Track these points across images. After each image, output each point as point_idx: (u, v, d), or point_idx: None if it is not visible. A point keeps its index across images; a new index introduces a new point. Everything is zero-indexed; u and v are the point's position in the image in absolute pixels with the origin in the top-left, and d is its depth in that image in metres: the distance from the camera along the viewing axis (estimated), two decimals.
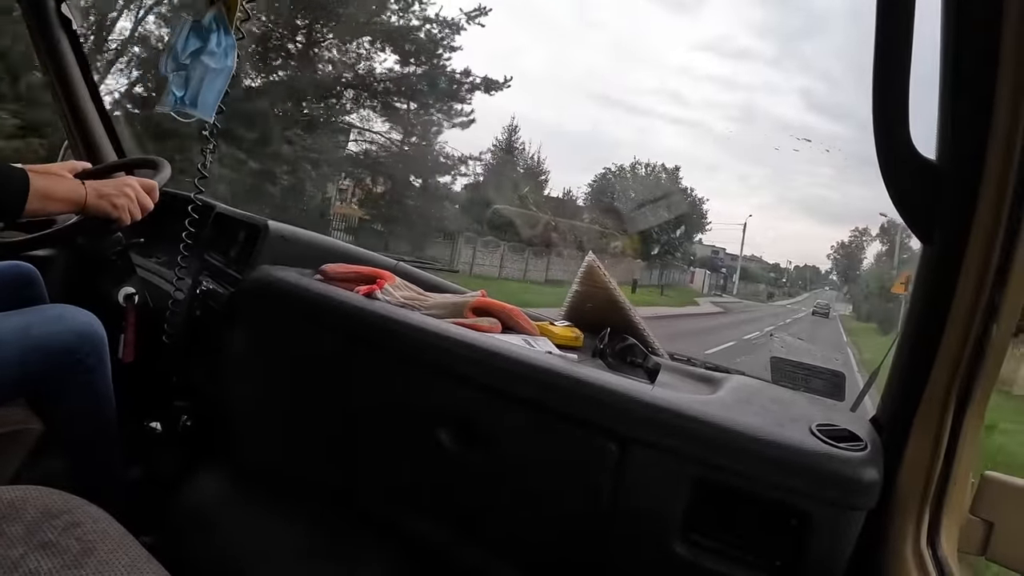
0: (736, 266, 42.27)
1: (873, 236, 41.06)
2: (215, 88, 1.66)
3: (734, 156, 68.46)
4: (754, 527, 1.01)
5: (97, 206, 1.46)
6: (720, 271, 41.29)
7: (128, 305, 1.82)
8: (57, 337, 1.52)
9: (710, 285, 38.30)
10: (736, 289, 41.37)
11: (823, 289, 47.91)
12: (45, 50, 2.20)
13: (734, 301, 35.97)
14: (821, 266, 54.07)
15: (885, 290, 22.21)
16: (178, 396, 1.82)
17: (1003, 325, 0.86)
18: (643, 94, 60.86)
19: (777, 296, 46.26)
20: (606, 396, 1.08)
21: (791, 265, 55.48)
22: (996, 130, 0.81)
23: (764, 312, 31.35)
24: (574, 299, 1.60)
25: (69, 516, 0.90)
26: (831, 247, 48.55)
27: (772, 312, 32.26)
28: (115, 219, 1.50)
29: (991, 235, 0.85)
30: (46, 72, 2.25)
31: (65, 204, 1.44)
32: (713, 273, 39.32)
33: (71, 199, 1.43)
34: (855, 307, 34.10)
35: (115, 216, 1.49)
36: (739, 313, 27.66)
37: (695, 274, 36.78)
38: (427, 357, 1.27)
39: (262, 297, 1.54)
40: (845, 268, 45.61)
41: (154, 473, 1.80)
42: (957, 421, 0.93)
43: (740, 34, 63.43)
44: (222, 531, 1.57)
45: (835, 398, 1.33)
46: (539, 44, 52.59)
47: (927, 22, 0.82)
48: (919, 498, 0.94)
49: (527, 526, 1.22)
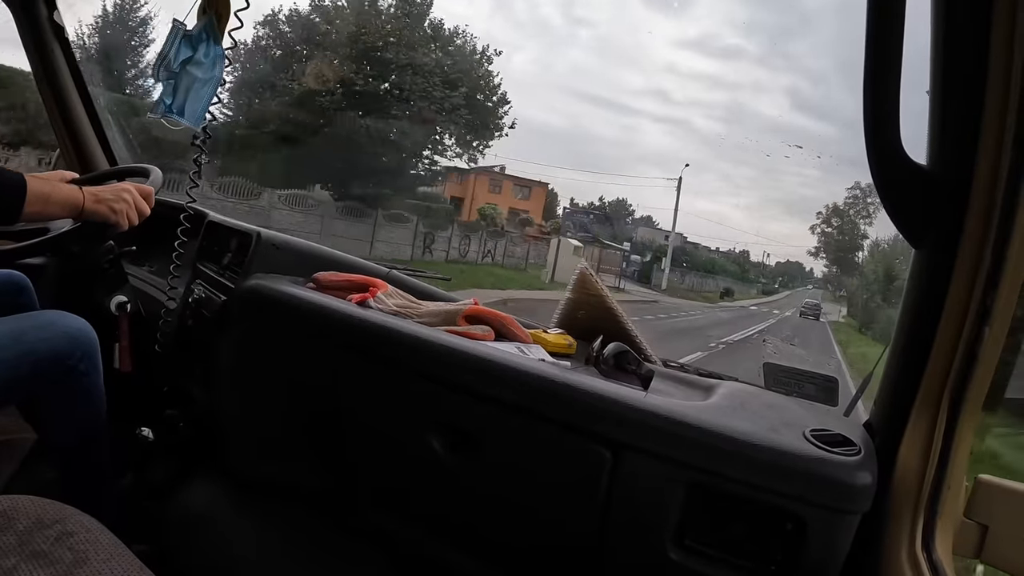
0: (668, 247, 32.59)
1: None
2: (202, 97, 1.66)
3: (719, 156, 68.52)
4: (749, 532, 1.01)
5: (95, 211, 1.46)
6: (588, 234, 31.51)
7: (121, 314, 1.81)
8: (49, 343, 1.51)
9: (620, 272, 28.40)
10: (665, 280, 31.34)
11: (807, 288, 40.90)
12: (37, 58, 2.20)
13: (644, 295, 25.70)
14: (805, 263, 45.96)
15: (898, 280, 13.24)
16: (170, 404, 1.81)
17: (995, 328, 0.87)
18: (629, 92, 61.02)
19: (741, 294, 37.55)
20: (600, 403, 1.08)
21: (767, 256, 48.84)
22: (986, 136, 0.82)
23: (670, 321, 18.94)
24: (567, 307, 1.60)
25: (62, 526, 0.89)
26: (818, 214, 32.43)
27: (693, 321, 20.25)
28: (113, 224, 1.49)
29: (982, 239, 0.85)
30: (38, 79, 2.24)
31: (63, 208, 1.43)
32: (581, 240, 28.08)
33: (69, 203, 1.42)
34: (852, 307, 25.87)
35: (114, 221, 1.49)
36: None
37: (563, 243, 25.13)
38: (420, 365, 1.26)
39: (255, 306, 1.53)
40: (838, 250, 30.71)
41: (146, 482, 1.79)
42: (950, 425, 0.93)
43: (726, 32, 63.51)
44: (214, 540, 1.57)
45: (828, 403, 1.33)
46: (525, 40, 52.78)
47: (918, 29, 0.83)
48: (913, 502, 0.95)
49: (520, 533, 1.22)
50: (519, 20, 50.22)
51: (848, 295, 29.10)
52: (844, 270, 31.79)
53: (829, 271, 34.75)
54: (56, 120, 2.29)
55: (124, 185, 1.54)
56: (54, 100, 2.26)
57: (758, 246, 66.43)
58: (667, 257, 32.55)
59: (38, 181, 1.37)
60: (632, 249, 33.80)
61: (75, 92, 2.28)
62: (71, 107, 2.28)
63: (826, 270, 35.33)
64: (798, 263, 47.21)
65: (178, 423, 1.78)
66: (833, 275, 34.12)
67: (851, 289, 28.92)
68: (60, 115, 2.28)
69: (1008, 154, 0.81)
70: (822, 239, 31.53)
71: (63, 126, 2.29)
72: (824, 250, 32.15)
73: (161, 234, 1.85)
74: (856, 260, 29.64)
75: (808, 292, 38.13)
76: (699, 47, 65.55)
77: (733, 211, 74.97)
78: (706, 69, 66.85)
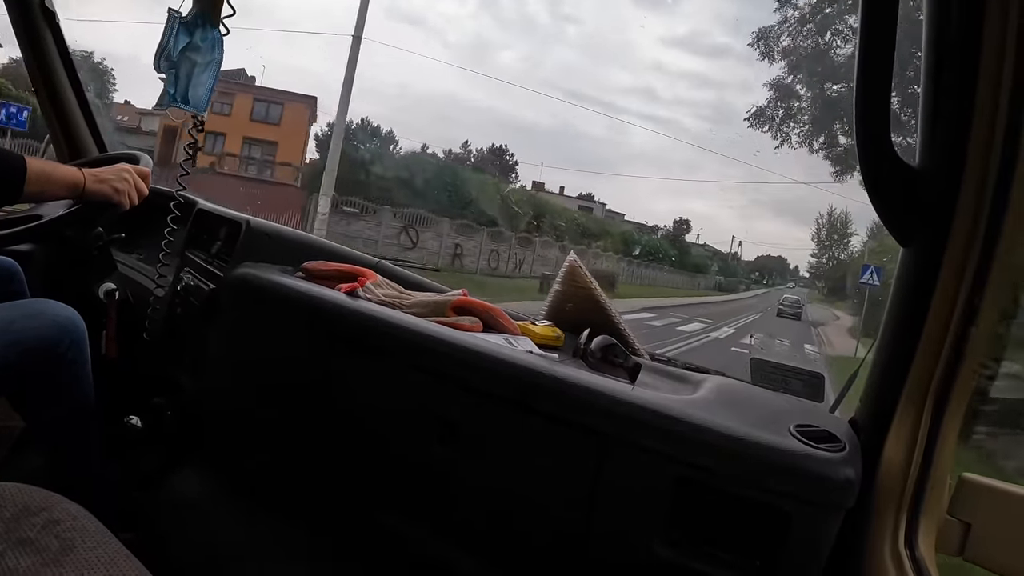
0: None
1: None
2: (204, 82, 1.65)
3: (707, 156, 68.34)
4: (734, 527, 1.01)
5: (97, 190, 1.47)
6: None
7: (109, 301, 1.81)
8: (38, 331, 1.50)
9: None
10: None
11: (788, 286, 36.91)
12: (27, 44, 2.18)
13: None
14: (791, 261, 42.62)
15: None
16: (158, 393, 1.81)
17: (982, 327, 0.87)
18: (616, 91, 60.87)
19: (688, 289, 32.68)
20: (587, 396, 1.08)
21: (735, 243, 43.13)
22: (975, 136, 0.83)
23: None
24: (555, 299, 1.60)
25: (48, 513, 0.89)
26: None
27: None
28: (116, 203, 1.50)
29: (970, 238, 0.86)
30: (29, 66, 2.23)
31: (64, 188, 1.44)
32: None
33: (70, 182, 1.43)
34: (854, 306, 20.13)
35: (117, 200, 1.50)
36: None
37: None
38: (408, 355, 1.26)
39: (243, 294, 1.53)
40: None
41: (134, 470, 1.79)
42: (935, 422, 0.93)
43: (715, 30, 63.37)
44: (202, 528, 1.57)
45: (814, 399, 1.33)
46: (514, 37, 52.68)
47: None
48: (897, 499, 0.95)
49: (507, 525, 1.22)
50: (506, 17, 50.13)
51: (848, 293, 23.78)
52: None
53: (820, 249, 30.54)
54: (47, 107, 2.27)
55: (123, 165, 1.56)
56: (44, 87, 2.24)
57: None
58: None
59: (39, 161, 1.38)
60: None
61: (66, 79, 2.26)
62: (62, 94, 2.26)
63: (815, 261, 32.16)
64: (781, 258, 44.67)
65: (166, 411, 1.77)
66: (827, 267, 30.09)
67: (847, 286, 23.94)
68: (51, 102, 2.26)
69: (997, 154, 0.81)
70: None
71: (54, 113, 2.28)
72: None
73: (150, 222, 1.85)
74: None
75: (790, 291, 33.98)
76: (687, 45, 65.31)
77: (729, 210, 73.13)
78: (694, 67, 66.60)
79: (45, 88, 2.25)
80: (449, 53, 56.66)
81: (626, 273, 29.27)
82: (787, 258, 46.43)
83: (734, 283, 40.51)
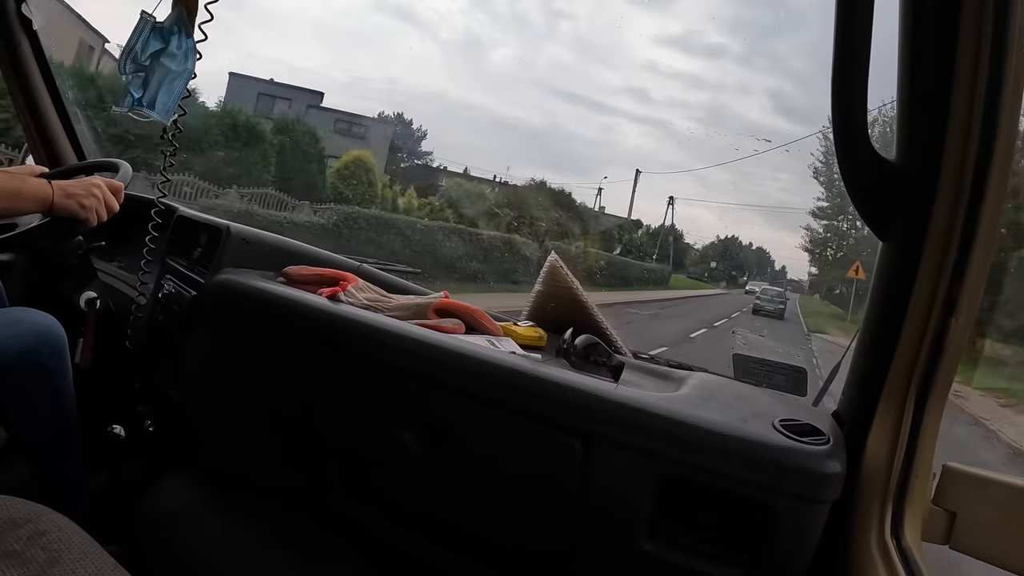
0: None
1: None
2: (173, 91, 1.64)
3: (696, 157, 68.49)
4: (720, 522, 1.02)
5: (64, 206, 1.45)
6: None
7: (89, 309, 1.80)
8: (17, 340, 1.49)
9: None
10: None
11: (759, 281, 28.13)
12: (5, 51, 2.16)
13: None
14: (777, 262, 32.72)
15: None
16: (141, 401, 1.80)
17: (961, 320, 0.88)
18: (607, 91, 60.85)
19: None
20: (570, 395, 1.08)
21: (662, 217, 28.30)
22: (952, 132, 0.84)
23: None
24: (537, 299, 1.60)
25: (34, 525, 0.89)
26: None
27: None
28: (83, 219, 1.48)
29: (948, 232, 0.87)
30: (6, 73, 2.21)
31: (32, 203, 1.42)
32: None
33: (38, 198, 1.42)
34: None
35: (83, 216, 1.48)
36: None
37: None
38: (391, 359, 1.26)
39: (225, 301, 1.52)
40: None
41: (119, 479, 1.78)
42: (917, 414, 0.94)
43: (710, 30, 63.55)
44: (188, 537, 1.56)
45: (797, 393, 1.34)
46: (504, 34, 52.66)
47: (885, 28, 0.84)
48: (882, 490, 0.96)
49: (493, 525, 1.22)
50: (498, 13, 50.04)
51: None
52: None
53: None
54: (24, 114, 2.26)
55: (94, 180, 1.53)
56: (22, 94, 2.23)
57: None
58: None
59: (7, 177, 1.37)
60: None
61: (43, 86, 2.25)
62: (39, 101, 2.25)
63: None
64: (763, 249, 33.98)
65: (149, 419, 1.76)
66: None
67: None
68: (28, 109, 2.25)
69: (974, 149, 0.82)
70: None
71: (31, 120, 2.26)
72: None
73: (131, 229, 1.83)
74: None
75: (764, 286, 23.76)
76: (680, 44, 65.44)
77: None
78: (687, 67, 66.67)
79: (22, 95, 2.23)
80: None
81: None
82: (769, 252, 35.10)
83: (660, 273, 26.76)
